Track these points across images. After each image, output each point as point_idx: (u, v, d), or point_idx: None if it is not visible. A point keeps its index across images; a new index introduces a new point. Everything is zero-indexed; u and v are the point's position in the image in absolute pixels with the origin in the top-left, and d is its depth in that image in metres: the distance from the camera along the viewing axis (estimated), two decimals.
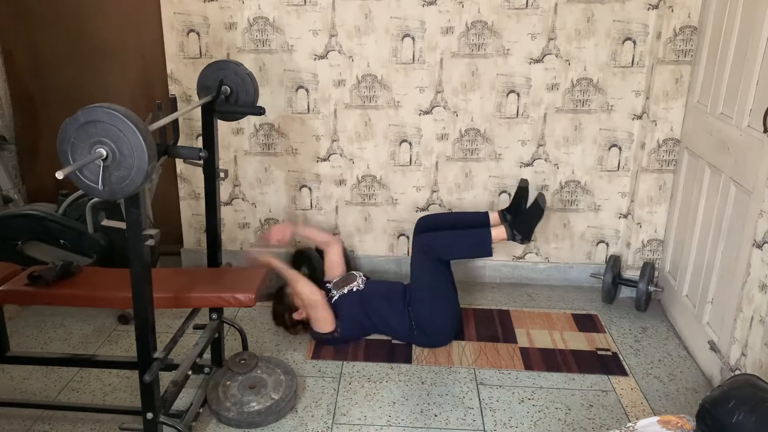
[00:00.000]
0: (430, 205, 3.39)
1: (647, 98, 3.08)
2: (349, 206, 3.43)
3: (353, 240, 3.47)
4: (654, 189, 3.15)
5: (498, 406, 2.47)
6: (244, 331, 2.71)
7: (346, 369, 2.70)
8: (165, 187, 3.43)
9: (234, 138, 3.35)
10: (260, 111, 2.51)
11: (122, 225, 1.86)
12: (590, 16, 3.04)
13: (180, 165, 3.42)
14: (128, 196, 1.74)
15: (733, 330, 2.40)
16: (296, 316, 2.84)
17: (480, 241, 2.83)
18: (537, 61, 3.13)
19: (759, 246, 2.25)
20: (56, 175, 1.54)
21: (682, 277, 2.96)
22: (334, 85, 3.23)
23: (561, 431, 2.34)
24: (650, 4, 3.00)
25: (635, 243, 3.25)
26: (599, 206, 3.34)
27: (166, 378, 2.24)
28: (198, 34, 3.20)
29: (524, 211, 2.94)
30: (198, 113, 2.54)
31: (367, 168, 3.36)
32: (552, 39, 3.09)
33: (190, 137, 3.33)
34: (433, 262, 2.83)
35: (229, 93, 2.52)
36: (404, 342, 2.88)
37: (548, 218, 3.32)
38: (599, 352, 2.82)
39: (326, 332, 2.80)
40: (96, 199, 2.62)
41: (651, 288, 3.10)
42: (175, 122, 2.17)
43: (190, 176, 3.43)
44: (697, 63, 2.89)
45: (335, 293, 2.91)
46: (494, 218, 3.02)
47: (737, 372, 2.35)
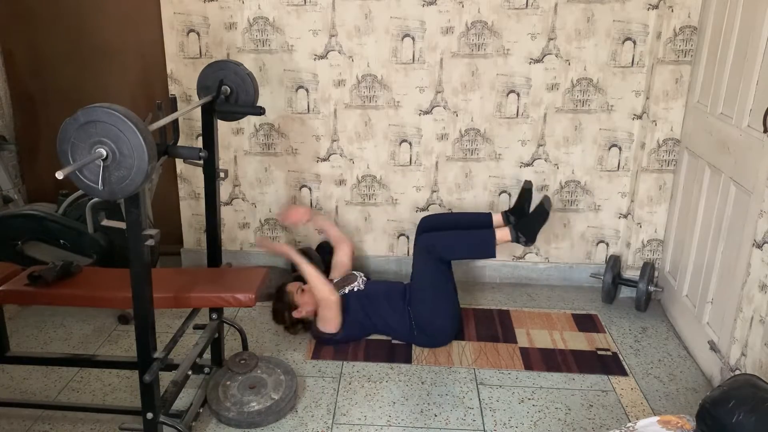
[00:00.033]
0: (430, 205, 3.39)
1: (647, 98, 3.08)
2: (349, 206, 3.43)
3: (353, 240, 3.47)
4: (654, 189, 3.15)
5: (498, 406, 2.47)
6: (244, 331, 2.71)
7: (346, 369, 2.70)
8: (165, 187, 3.43)
9: (234, 138, 3.35)
10: (260, 111, 2.51)
11: (122, 225, 1.86)
12: (590, 16, 3.04)
13: (180, 165, 3.42)
14: (128, 196, 1.74)
15: (733, 330, 2.40)
16: (296, 315, 2.84)
17: (484, 242, 2.83)
18: (537, 61, 3.13)
19: (759, 246, 2.25)
20: (56, 175, 1.54)
21: (682, 277, 2.96)
22: (334, 85, 3.23)
23: (561, 431, 2.34)
24: (650, 4, 3.00)
25: (635, 243, 3.25)
26: (599, 206, 3.34)
27: (166, 378, 2.24)
28: (198, 34, 3.20)
29: (529, 214, 2.93)
30: (198, 113, 2.54)
31: (367, 168, 3.36)
32: (552, 39, 3.09)
33: (190, 137, 3.33)
34: (435, 262, 2.83)
35: (229, 93, 2.52)
36: (404, 342, 2.88)
37: (549, 219, 3.31)
38: (599, 352, 2.83)
39: (330, 332, 2.80)
40: (96, 199, 2.62)
41: (651, 288, 3.10)
42: (175, 122, 2.17)
43: (190, 176, 3.43)
44: (697, 63, 2.89)
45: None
46: (497, 219, 3.02)
47: (737, 372, 2.35)
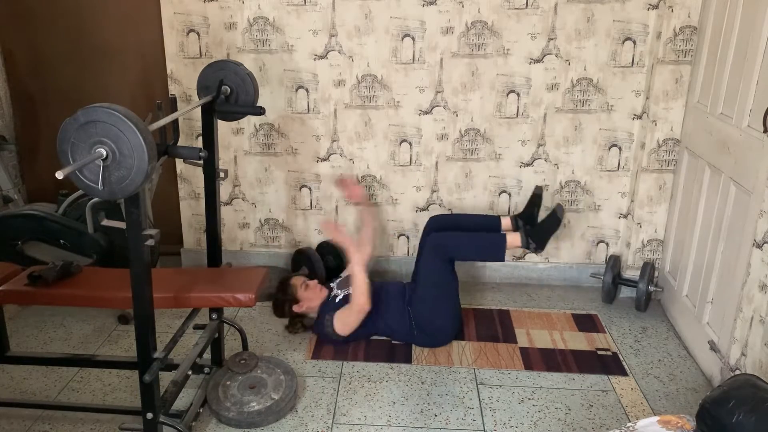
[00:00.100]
0: (430, 205, 3.39)
1: (647, 98, 3.08)
2: (349, 206, 3.43)
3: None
4: (654, 189, 3.15)
5: (498, 406, 2.47)
6: (244, 331, 2.71)
7: (346, 369, 2.70)
8: (165, 187, 3.43)
9: (234, 138, 3.35)
10: (260, 111, 2.51)
11: (122, 225, 1.86)
12: (590, 16, 3.04)
13: (180, 165, 3.42)
14: (128, 196, 1.74)
15: (733, 330, 2.40)
16: (296, 309, 2.85)
17: (495, 246, 2.84)
18: (537, 61, 3.13)
19: (759, 246, 2.25)
20: (56, 175, 1.54)
21: (682, 277, 2.96)
22: (334, 85, 3.23)
23: (561, 431, 2.34)
24: (650, 4, 3.00)
25: (635, 243, 3.25)
26: (599, 206, 3.34)
27: (166, 378, 2.24)
28: (198, 34, 3.20)
29: (542, 222, 2.93)
30: (198, 113, 2.54)
31: (367, 168, 3.36)
32: (552, 39, 3.09)
33: (190, 137, 3.33)
34: (443, 262, 2.83)
35: (229, 93, 2.52)
36: (404, 342, 2.88)
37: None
38: (599, 352, 2.82)
39: (343, 335, 2.78)
40: (96, 199, 2.62)
41: (651, 288, 3.10)
42: (175, 122, 2.17)
43: (190, 176, 3.43)
44: (697, 63, 2.89)
45: (339, 292, 2.90)
46: (506, 223, 3.02)
47: (737, 372, 2.35)
